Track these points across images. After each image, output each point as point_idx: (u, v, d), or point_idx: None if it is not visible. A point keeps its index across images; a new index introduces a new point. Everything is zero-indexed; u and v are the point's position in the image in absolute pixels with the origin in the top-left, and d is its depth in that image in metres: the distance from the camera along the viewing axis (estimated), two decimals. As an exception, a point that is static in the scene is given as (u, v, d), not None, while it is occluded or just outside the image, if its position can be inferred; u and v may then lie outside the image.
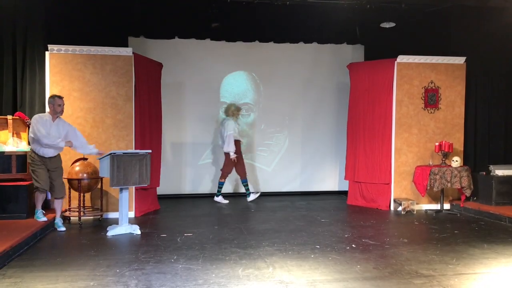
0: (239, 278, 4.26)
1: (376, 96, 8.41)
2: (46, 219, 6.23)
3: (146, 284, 4.09)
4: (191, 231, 6.29)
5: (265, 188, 9.86)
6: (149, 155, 6.30)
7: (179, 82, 9.54)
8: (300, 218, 7.30)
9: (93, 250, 5.28)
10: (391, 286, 4.11)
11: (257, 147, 9.97)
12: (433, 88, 8.28)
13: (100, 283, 4.12)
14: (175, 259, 4.90)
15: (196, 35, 9.30)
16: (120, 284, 4.10)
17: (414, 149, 8.22)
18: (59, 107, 6.32)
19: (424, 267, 4.64)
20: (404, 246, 5.51)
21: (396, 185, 8.18)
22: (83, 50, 7.32)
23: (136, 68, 7.52)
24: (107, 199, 7.36)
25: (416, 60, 8.23)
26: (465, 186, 7.72)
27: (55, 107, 6.29)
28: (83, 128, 7.28)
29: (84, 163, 6.90)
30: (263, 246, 5.44)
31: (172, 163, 9.53)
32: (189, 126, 9.64)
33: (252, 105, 9.94)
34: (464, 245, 5.54)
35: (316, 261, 4.83)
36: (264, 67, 9.86)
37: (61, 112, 6.39)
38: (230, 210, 8.07)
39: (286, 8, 8.00)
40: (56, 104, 6.29)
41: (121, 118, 7.41)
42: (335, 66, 9.93)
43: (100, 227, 6.56)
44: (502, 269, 4.60)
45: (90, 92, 7.34)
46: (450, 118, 8.34)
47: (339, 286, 4.11)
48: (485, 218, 7.35)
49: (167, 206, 8.36)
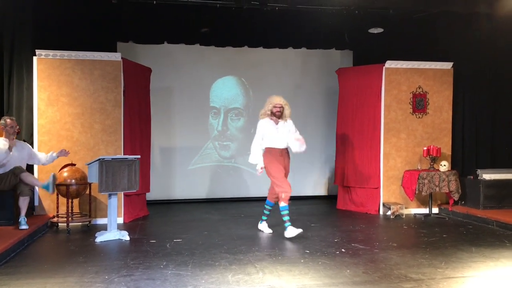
0: (229, 284, 4.25)
1: (364, 101, 8.47)
2: (27, 227, 6.08)
3: (135, 291, 4.07)
4: (181, 236, 6.26)
5: (255, 193, 9.84)
6: (138, 161, 6.27)
7: (168, 87, 9.52)
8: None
9: (82, 257, 5.23)
10: (381, 290, 4.12)
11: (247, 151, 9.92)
12: (421, 93, 8.35)
13: (88, 290, 4.09)
14: (165, 265, 4.87)
15: (185, 40, 9.30)
16: (109, 291, 4.06)
17: (402, 153, 8.27)
18: (11, 129, 6.31)
19: (413, 271, 4.66)
20: (393, 250, 5.53)
21: (385, 189, 8.22)
22: (72, 55, 7.28)
23: (125, 73, 7.50)
24: (96, 205, 7.30)
25: (404, 66, 8.30)
26: (453, 190, 7.78)
27: (7, 129, 6.26)
28: (71, 133, 7.24)
29: (72, 168, 6.85)
30: (253, 252, 5.43)
31: (162, 168, 9.49)
32: (179, 131, 9.62)
33: (242, 109, 9.95)
34: (453, 249, 5.58)
35: (306, 266, 4.83)
36: (253, 72, 9.89)
37: (14, 133, 6.37)
38: (221, 216, 8.05)
39: (275, 13, 8.03)
40: (8, 126, 6.26)
41: (110, 124, 7.37)
42: (324, 71, 9.99)
43: (89, 233, 6.50)
44: (490, 273, 4.64)
45: (79, 97, 7.30)
46: (438, 122, 8.42)
47: (329, 290, 4.11)
48: (473, 221, 7.41)
49: (157, 212, 8.31)
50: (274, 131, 6.36)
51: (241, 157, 9.90)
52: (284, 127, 6.44)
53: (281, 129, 6.41)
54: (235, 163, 9.92)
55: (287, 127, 6.47)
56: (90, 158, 6.96)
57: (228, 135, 9.89)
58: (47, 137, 7.19)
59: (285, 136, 6.42)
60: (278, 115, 6.41)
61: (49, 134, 7.20)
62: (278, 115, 6.41)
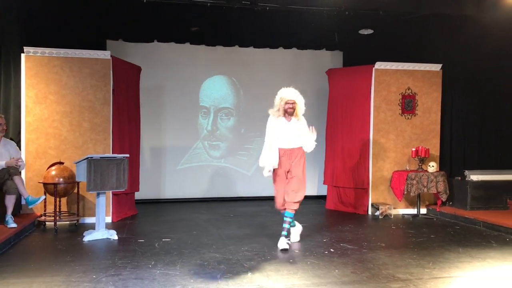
0: (217, 284, 4.24)
1: (354, 101, 8.50)
2: (16, 225, 6.04)
3: (123, 290, 4.04)
4: (170, 236, 6.23)
5: (245, 193, 9.84)
6: (127, 160, 6.24)
7: (158, 86, 9.48)
8: (279, 222, 7.27)
9: (69, 256, 5.19)
10: (369, 290, 4.14)
11: (237, 151, 9.96)
12: (410, 95, 8.41)
13: (75, 290, 4.06)
14: (153, 264, 4.85)
15: (176, 39, 9.27)
16: (96, 290, 4.04)
17: (391, 154, 8.32)
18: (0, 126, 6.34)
19: (401, 271, 4.69)
20: (381, 250, 5.56)
21: (373, 190, 8.26)
22: (60, 52, 7.21)
23: (114, 71, 7.45)
24: (84, 204, 7.25)
25: (393, 67, 8.35)
26: (441, 191, 7.84)
27: None
28: (59, 131, 7.18)
29: (60, 167, 6.79)
30: (242, 251, 5.43)
31: (151, 167, 9.45)
32: (168, 130, 9.58)
33: (232, 109, 9.93)
34: (440, 249, 5.62)
35: (295, 266, 4.84)
36: (244, 71, 9.88)
37: (3, 131, 6.40)
38: (210, 215, 8.03)
39: (265, 13, 8.03)
40: None
41: (99, 122, 7.33)
42: (314, 71, 10.00)
43: (76, 232, 6.45)
44: (477, 273, 4.68)
45: (67, 95, 7.24)
46: (427, 124, 8.48)
47: (317, 290, 4.13)
48: (460, 222, 7.48)
49: (146, 211, 8.27)
50: (282, 129, 5.67)
51: (231, 157, 9.89)
52: (297, 125, 5.71)
53: (292, 127, 5.68)
54: (224, 163, 9.90)
55: (300, 127, 5.73)
56: (79, 156, 6.90)
57: (218, 135, 9.87)
58: (35, 135, 7.12)
59: (295, 136, 5.69)
60: (290, 112, 5.64)
61: (36, 132, 7.13)
62: (291, 112, 5.65)
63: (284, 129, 5.67)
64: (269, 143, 5.71)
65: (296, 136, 5.68)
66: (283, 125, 5.68)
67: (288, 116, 5.68)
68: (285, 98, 5.62)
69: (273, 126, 5.71)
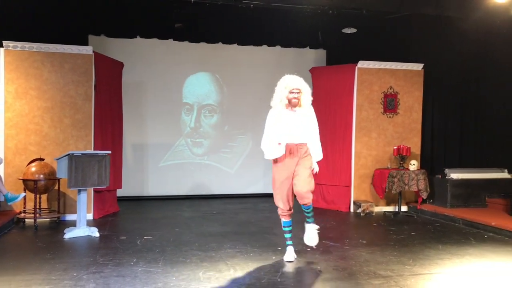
0: (199, 281, 4.23)
1: (337, 100, 8.55)
2: None
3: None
4: (152, 233, 6.20)
5: (228, 190, 9.84)
6: (109, 156, 6.18)
7: (141, 82, 9.41)
8: (262, 220, 7.32)
9: (49, 253, 5.12)
10: (350, 286, 4.18)
11: (220, 148, 9.94)
12: (392, 93, 8.49)
13: (56, 287, 4.00)
14: (135, 262, 4.82)
15: (159, 35, 9.21)
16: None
17: (373, 152, 8.39)
18: None
19: (382, 267, 4.74)
20: (363, 247, 5.61)
21: (356, 187, 8.33)
22: (41, 47, 7.11)
23: (96, 67, 7.37)
24: (65, 201, 7.17)
25: (376, 66, 8.42)
26: (421, 189, 7.94)
27: None
28: (41, 127, 7.08)
29: (40, 163, 6.70)
30: (224, 249, 5.42)
31: (134, 164, 9.38)
32: (151, 127, 9.52)
33: (216, 106, 9.91)
34: (420, 246, 5.69)
35: (278, 263, 4.85)
36: (227, 68, 9.87)
37: None
38: (192, 213, 8.01)
39: (250, 11, 8.03)
40: None
41: (80, 118, 7.24)
42: (297, 69, 9.84)
43: (57, 230, 6.37)
44: (456, 269, 4.75)
45: (48, 90, 7.14)
46: (408, 122, 8.57)
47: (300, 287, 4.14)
48: (440, 220, 7.59)
49: (128, 208, 8.21)
50: (286, 121, 4.76)
51: (214, 154, 9.87)
52: (303, 115, 4.83)
53: (298, 118, 4.80)
54: (207, 160, 9.87)
55: (307, 116, 4.86)
56: (59, 153, 6.81)
57: (201, 132, 9.84)
58: (15, 130, 7.01)
59: (302, 128, 4.79)
60: (294, 103, 4.77)
61: (16, 128, 7.02)
62: (295, 103, 4.78)
63: (289, 120, 4.75)
64: (268, 139, 4.82)
65: (304, 128, 4.80)
66: (286, 116, 4.77)
67: (291, 107, 4.82)
68: (290, 87, 4.74)
69: (274, 119, 4.80)
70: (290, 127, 4.76)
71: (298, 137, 4.79)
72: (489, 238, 6.28)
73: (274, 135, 4.77)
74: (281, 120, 4.76)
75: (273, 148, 4.76)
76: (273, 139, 4.77)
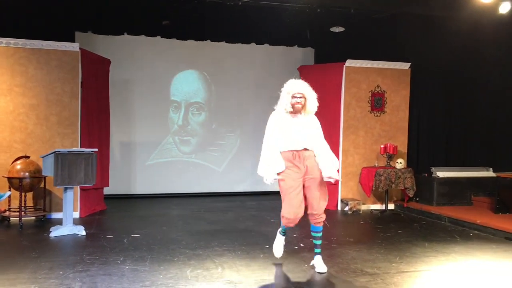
0: (187, 279, 4.22)
1: (325, 98, 8.51)
2: None
3: (91, 286, 3.97)
4: (139, 232, 6.16)
5: (215, 189, 9.82)
6: (96, 154, 6.13)
7: (128, 79, 9.34)
8: (250, 218, 7.32)
9: (35, 252, 5.07)
10: (337, 284, 4.20)
11: (208, 146, 9.92)
12: (379, 92, 8.54)
13: (41, 286, 3.96)
14: (122, 260, 4.79)
15: (146, 32, 9.14)
16: (63, 287, 3.95)
17: (360, 150, 8.44)
18: None
19: (369, 265, 4.77)
20: (350, 245, 5.64)
21: (343, 185, 8.37)
22: (27, 44, 7.02)
23: (83, 64, 7.31)
24: (51, 199, 7.10)
25: (363, 65, 8.46)
26: (408, 187, 8.01)
27: None
28: (26, 125, 7.00)
29: (26, 161, 6.62)
30: (212, 247, 5.41)
31: (121, 162, 9.32)
32: (138, 124, 9.46)
33: (203, 104, 9.88)
34: (407, 244, 5.74)
35: (265, 261, 4.86)
36: (216, 66, 9.84)
37: None
38: (180, 211, 7.98)
39: (238, 8, 8.00)
40: None
41: (67, 116, 7.17)
42: (286, 68, 10.02)
43: (43, 228, 6.31)
44: (441, 267, 4.80)
45: (34, 87, 7.06)
46: (395, 121, 8.63)
47: (287, 285, 4.15)
48: (426, 218, 7.66)
49: (115, 207, 8.15)
50: (288, 127, 4.49)
51: (202, 152, 9.84)
52: (306, 122, 4.56)
53: (301, 124, 4.52)
54: (195, 158, 9.84)
55: (310, 123, 4.58)
56: (45, 150, 6.74)
57: (189, 130, 9.81)
58: (-1, 128, 6.93)
59: (304, 133, 4.51)
60: (297, 108, 4.49)
61: (1, 125, 6.93)
62: (298, 109, 4.50)
63: (290, 126, 4.48)
64: (268, 146, 4.53)
65: (307, 135, 4.51)
66: (288, 122, 4.50)
67: (294, 113, 4.54)
68: (292, 91, 4.47)
69: (274, 124, 4.52)
70: (291, 132, 4.47)
71: (300, 143, 4.48)
72: (474, 235, 6.36)
73: (274, 140, 4.48)
74: (282, 126, 4.48)
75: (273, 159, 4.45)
76: (273, 145, 4.48)
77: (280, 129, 4.48)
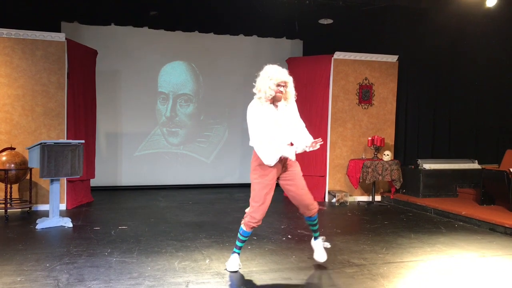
0: (175, 271, 4.23)
1: (313, 90, 8.58)
2: None
3: (78, 278, 3.96)
4: (126, 224, 6.15)
5: (203, 180, 9.81)
6: (82, 146, 6.09)
7: (115, 70, 9.26)
8: (238, 210, 7.33)
9: (21, 244, 5.03)
10: (325, 275, 4.24)
11: (196, 138, 9.89)
12: (367, 85, 8.57)
13: (28, 278, 3.94)
14: (109, 252, 4.78)
15: (134, 23, 9.03)
16: (50, 279, 3.94)
17: (348, 143, 8.48)
18: None
19: (356, 256, 4.82)
20: (337, 236, 5.69)
21: (330, 177, 8.41)
22: (11, 33, 6.91)
23: (69, 54, 7.22)
24: (37, 191, 7.03)
25: (352, 57, 8.48)
26: (395, 179, 8.08)
27: None
28: (11, 116, 6.91)
29: (11, 152, 6.54)
30: (200, 238, 5.42)
31: (108, 154, 9.26)
32: (125, 116, 9.40)
33: (192, 96, 9.84)
34: (393, 235, 5.80)
35: (253, 252, 4.88)
36: (204, 58, 9.79)
37: None
38: (168, 203, 7.96)
39: (226, -1, 7.97)
40: None
41: (53, 107, 7.10)
42: (274, 59, 9.74)
43: (29, 220, 6.26)
44: (427, 257, 4.87)
45: (19, 78, 6.96)
46: (383, 114, 8.68)
47: (274, 276, 4.18)
48: (413, 209, 7.74)
49: (102, 199, 8.11)
50: (274, 125, 4.23)
51: (190, 144, 9.82)
52: (286, 113, 4.34)
53: (283, 115, 4.29)
54: (183, 150, 9.82)
55: (290, 113, 4.38)
56: (31, 142, 6.67)
57: (177, 121, 9.76)
58: (-16, 119, 6.83)
59: (289, 130, 4.37)
60: (279, 97, 4.22)
61: (-14, 116, 6.84)
62: (279, 98, 4.23)
63: (276, 124, 4.22)
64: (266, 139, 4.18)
65: (292, 130, 4.40)
66: (273, 117, 4.21)
67: (275, 102, 4.26)
68: (277, 79, 4.17)
69: (261, 117, 4.18)
70: (279, 133, 4.23)
71: (286, 141, 4.31)
72: (459, 227, 6.44)
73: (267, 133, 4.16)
74: (269, 122, 4.17)
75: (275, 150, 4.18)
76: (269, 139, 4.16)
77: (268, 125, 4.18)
